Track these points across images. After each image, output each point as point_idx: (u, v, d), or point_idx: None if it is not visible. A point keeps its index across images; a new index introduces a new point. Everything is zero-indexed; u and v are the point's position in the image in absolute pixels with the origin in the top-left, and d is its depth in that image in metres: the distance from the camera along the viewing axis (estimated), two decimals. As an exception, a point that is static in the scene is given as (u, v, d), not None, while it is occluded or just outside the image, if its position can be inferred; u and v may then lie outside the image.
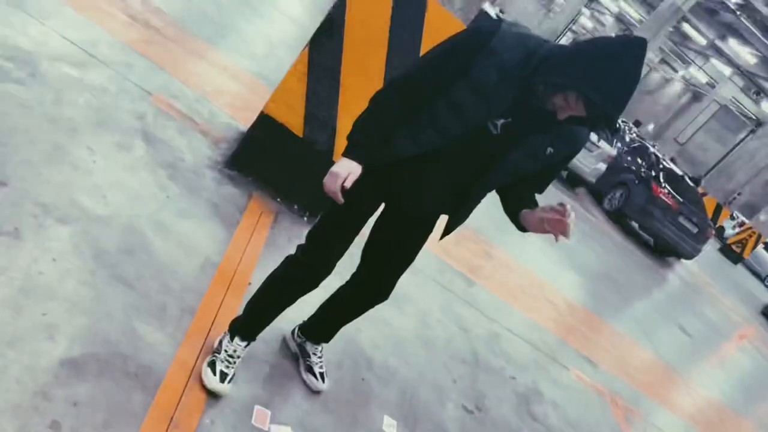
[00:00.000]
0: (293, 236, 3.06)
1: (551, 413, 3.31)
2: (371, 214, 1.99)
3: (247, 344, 2.07)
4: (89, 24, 3.65)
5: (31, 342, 1.74)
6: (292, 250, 2.01)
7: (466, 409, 2.83)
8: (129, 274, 2.19)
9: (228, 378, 1.98)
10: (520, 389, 3.32)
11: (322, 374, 2.28)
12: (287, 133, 3.18)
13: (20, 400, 1.59)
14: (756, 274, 21.39)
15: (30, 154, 2.39)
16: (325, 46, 3.03)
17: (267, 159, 3.25)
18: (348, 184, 1.77)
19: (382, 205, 2.01)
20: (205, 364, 2.01)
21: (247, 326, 2.07)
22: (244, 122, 3.83)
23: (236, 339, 2.05)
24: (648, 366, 5.25)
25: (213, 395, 1.96)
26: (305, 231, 2.02)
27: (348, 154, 1.79)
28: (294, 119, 3.17)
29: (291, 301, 2.08)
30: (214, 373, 1.97)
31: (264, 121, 3.20)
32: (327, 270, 1.98)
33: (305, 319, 2.32)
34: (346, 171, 1.77)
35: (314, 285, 2.02)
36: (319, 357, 2.30)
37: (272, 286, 2.05)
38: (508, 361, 3.51)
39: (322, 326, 2.27)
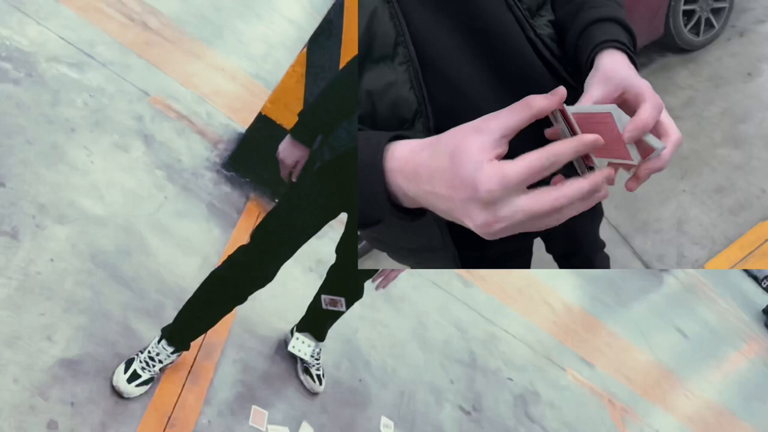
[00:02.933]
0: (291, 237, 3.05)
1: (548, 414, 3.32)
2: (328, 220, 1.74)
3: (175, 351, 1.86)
4: (87, 24, 3.65)
5: (29, 342, 1.74)
6: None
7: (463, 410, 2.84)
8: (127, 274, 2.19)
9: (139, 381, 1.78)
10: (517, 390, 3.33)
11: (319, 376, 2.28)
12: (285, 134, 3.17)
13: (18, 399, 1.59)
14: (753, 276, 21.42)
15: (27, 155, 2.39)
16: (324, 47, 3.04)
17: (265, 160, 3.25)
18: (295, 178, 1.72)
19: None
20: (124, 361, 1.84)
21: (176, 331, 1.85)
22: (242, 123, 3.84)
23: (163, 342, 1.85)
24: (645, 367, 5.26)
25: (121, 396, 1.78)
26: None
27: (294, 134, 1.71)
28: (292, 120, 3.17)
29: (223, 308, 1.83)
30: (125, 371, 1.79)
31: (262, 122, 3.20)
32: (265, 276, 1.75)
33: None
34: (292, 159, 1.71)
35: (248, 291, 1.78)
36: (316, 358, 2.30)
37: (206, 288, 1.82)
38: (506, 362, 3.52)
39: (313, 325, 2.27)
